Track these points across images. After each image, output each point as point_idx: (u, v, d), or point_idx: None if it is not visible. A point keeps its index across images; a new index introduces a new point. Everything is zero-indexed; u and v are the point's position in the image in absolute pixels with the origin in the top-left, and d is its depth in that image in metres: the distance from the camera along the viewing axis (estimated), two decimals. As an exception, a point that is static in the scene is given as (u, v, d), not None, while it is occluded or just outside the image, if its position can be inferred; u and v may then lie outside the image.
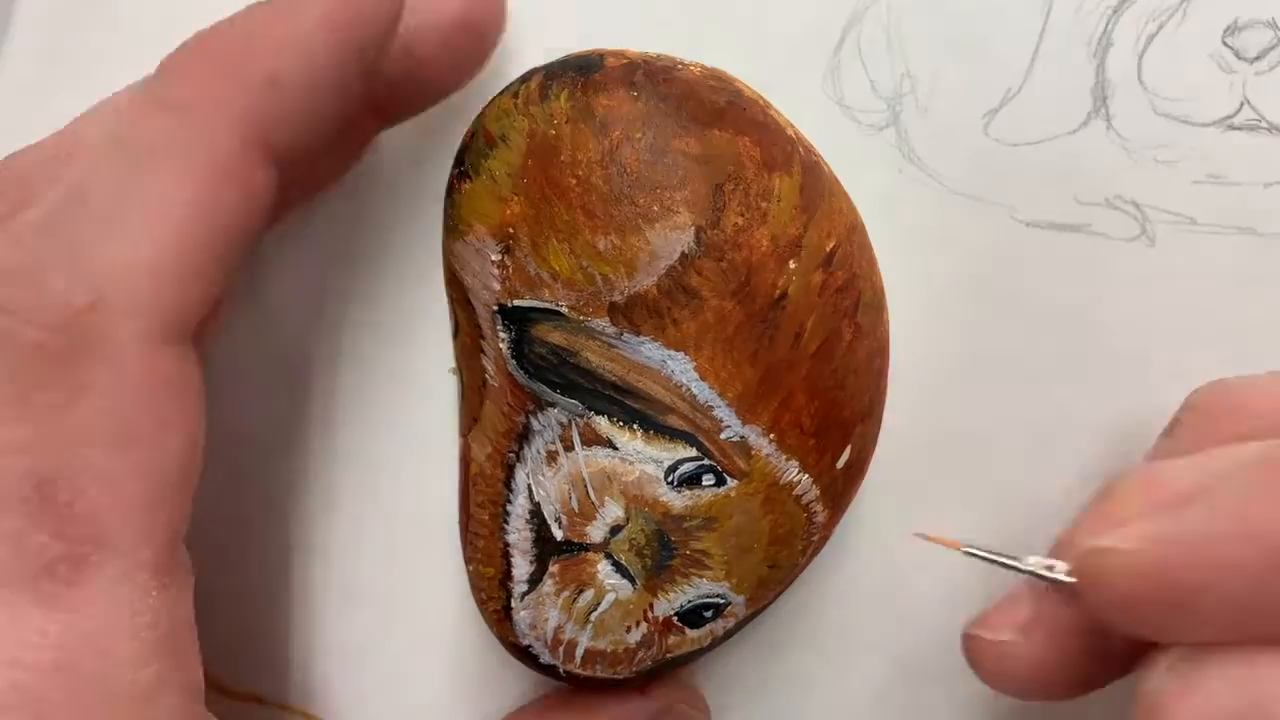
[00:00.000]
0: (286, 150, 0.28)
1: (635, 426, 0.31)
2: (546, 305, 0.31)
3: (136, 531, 0.26)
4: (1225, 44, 0.37)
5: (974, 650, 0.29)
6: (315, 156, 0.30)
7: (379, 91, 0.32)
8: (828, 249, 0.31)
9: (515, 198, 0.31)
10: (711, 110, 0.31)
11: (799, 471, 0.32)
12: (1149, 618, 0.23)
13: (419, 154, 0.38)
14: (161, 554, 0.26)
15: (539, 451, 0.32)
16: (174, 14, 0.40)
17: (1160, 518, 0.24)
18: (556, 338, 0.31)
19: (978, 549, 0.27)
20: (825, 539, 0.34)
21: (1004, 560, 0.27)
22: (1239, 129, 0.37)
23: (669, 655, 0.33)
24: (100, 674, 0.25)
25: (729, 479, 0.31)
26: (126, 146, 0.26)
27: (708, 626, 0.33)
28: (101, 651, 0.25)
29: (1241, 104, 0.37)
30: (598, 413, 0.31)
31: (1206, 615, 0.22)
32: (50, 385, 0.25)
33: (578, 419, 0.31)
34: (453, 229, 0.33)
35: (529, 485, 0.32)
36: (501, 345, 0.32)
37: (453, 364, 0.35)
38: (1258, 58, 0.37)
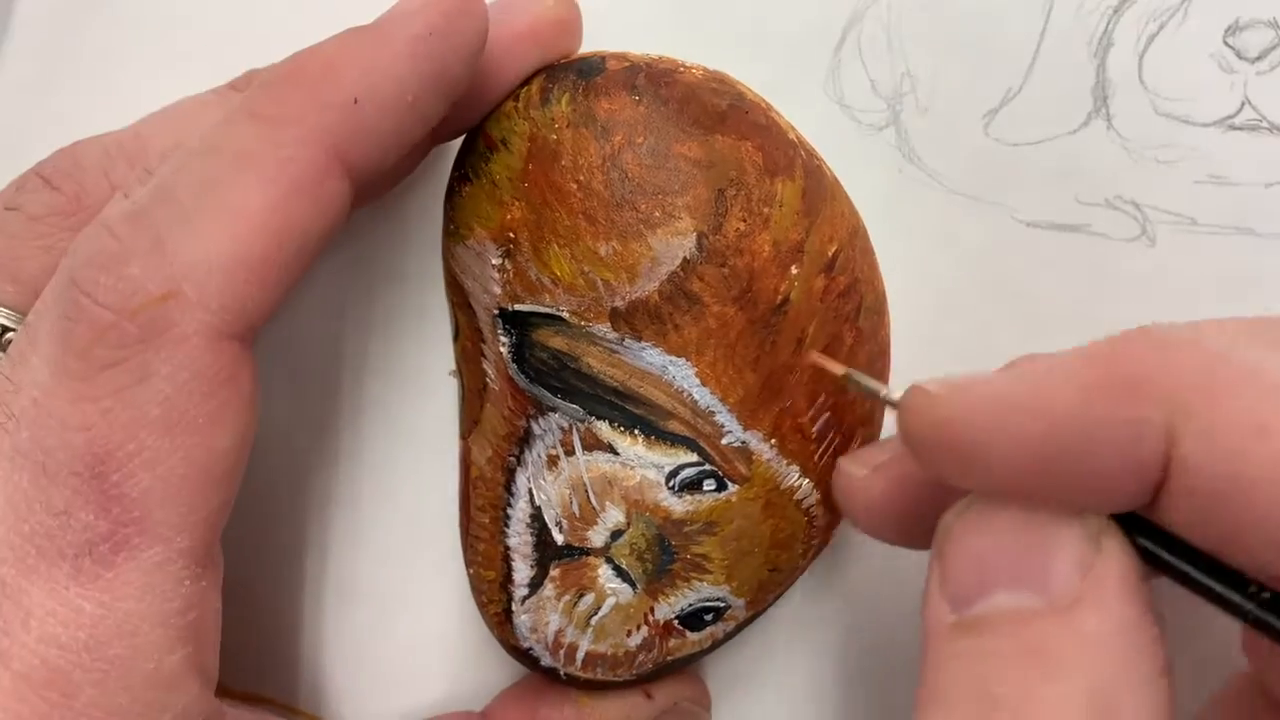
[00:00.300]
0: (364, 167, 0.29)
1: (636, 432, 0.31)
2: (547, 310, 0.31)
3: (178, 519, 0.27)
4: (1226, 44, 0.37)
5: (835, 479, 0.31)
6: (389, 173, 0.31)
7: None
8: (829, 254, 0.31)
9: (516, 202, 0.31)
10: (713, 114, 0.31)
11: (800, 476, 0.32)
12: (939, 459, 0.25)
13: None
14: (199, 545, 0.27)
15: (540, 456, 0.32)
16: (173, 14, 0.40)
17: (974, 376, 0.26)
18: (557, 342, 0.31)
19: (858, 376, 0.29)
20: (826, 542, 0.34)
21: (873, 385, 0.29)
22: (1240, 129, 0.37)
23: (669, 658, 0.34)
24: (128, 657, 0.26)
25: (730, 484, 0.31)
26: (215, 152, 0.27)
27: (708, 629, 0.33)
28: (131, 634, 0.26)
29: (1242, 104, 0.37)
30: (599, 418, 0.31)
31: (989, 469, 0.24)
32: (117, 367, 0.26)
33: (579, 424, 0.31)
34: (453, 232, 0.33)
35: (530, 489, 0.32)
36: (502, 349, 0.32)
37: (453, 366, 0.35)
38: (1259, 58, 0.37)
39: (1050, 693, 0.22)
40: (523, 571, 0.33)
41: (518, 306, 0.31)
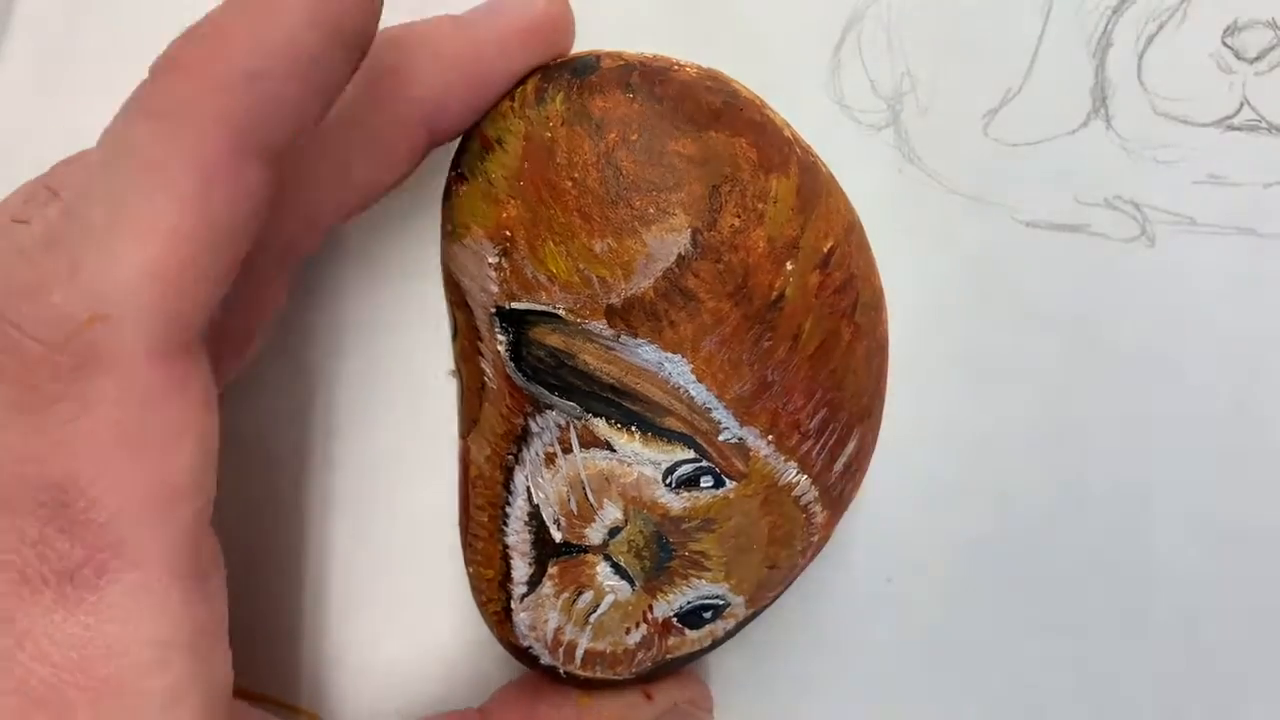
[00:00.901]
0: (277, 141, 0.27)
1: (633, 429, 0.31)
2: (544, 308, 0.31)
3: (151, 538, 0.26)
4: (1225, 44, 0.37)
5: None
6: (383, 176, 0.31)
7: (436, 107, 0.32)
8: (825, 249, 0.31)
9: (512, 201, 0.31)
10: (708, 111, 0.31)
11: (798, 472, 0.32)
12: None
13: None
14: (180, 559, 0.26)
15: (537, 454, 0.32)
16: (173, 14, 0.40)
17: None
18: (554, 340, 0.31)
19: None
20: (825, 539, 0.34)
21: None
22: (1239, 129, 0.37)
23: (669, 656, 0.34)
24: (118, 677, 0.26)
25: (727, 481, 0.31)
26: (115, 158, 0.26)
27: (707, 627, 0.33)
28: (120, 654, 0.26)
29: (1241, 104, 0.37)
30: (596, 415, 0.31)
31: None
32: (60, 398, 0.25)
33: (576, 421, 0.31)
34: (450, 232, 0.33)
35: (528, 487, 0.32)
36: (499, 348, 0.32)
37: (452, 366, 0.35)
38: (1257, 58, 0.37)
39: None
40: (521, 570, 0.33)
41: (514, 305, 0.31)
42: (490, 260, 0.31)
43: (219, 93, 0.26)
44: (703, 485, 0.31)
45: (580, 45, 0.34)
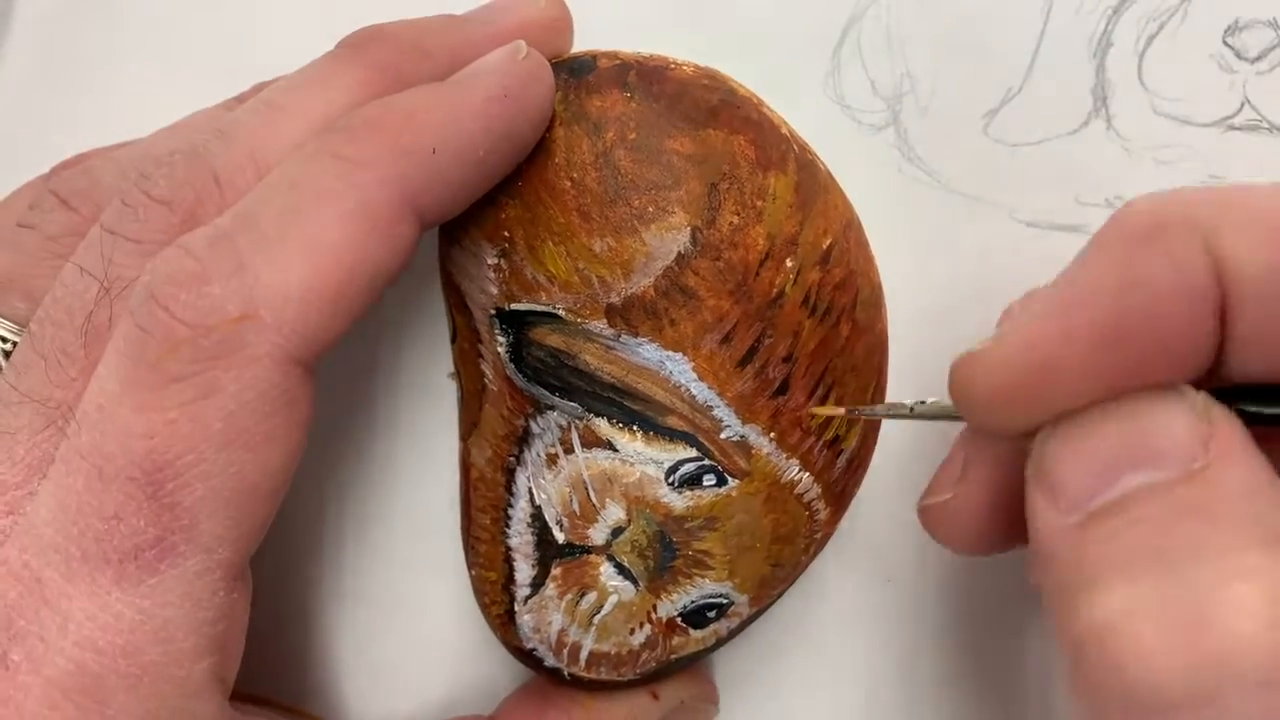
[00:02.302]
0: (432, 214, 0.29)
1: (635, 428, 0.31)
2: (544, 308, 0.31)
3: (223, 531, 0.27)
4: (1226, 44, 0.37)
5: (925, 519, 0.30)
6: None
7: None
8: (824, 246, 0.31)
9: (510, 201, 0.31)
10: (705, 109, 0.31)
11: (800, 470, 0.32)
12: (1016, 400, 0.25)
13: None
14: (237, 558, 0.28)
15: (539, 455, 0.32)
16: (173, 14, 0.40)
17: (1017, 312, 0.26)
18: (554, 340, 0.31)
19: (862, 409, 0.30)
20: (828, 536, 0.34)
21: (889, 412, 0.29)
22: (1239, 129, 0.37)
23: (673, 656, 0.33)
24: (162, 663, 0.27)
25: (730, 479, 0.31)
26: (296, 186, 0.28)
27: (711, 626, 0.33)
28: (167, 640, 0.27)
29: (1242, 104, 0.37)
30: (597, 415, 0.31)
31: (1059, 384, 0.24)
32: (187, 380, 0.26)
33: (577, 421, 0.31)
34: (448, 234, 0.33)
35: (530, 489, 0.32)
36: (500, 349, 0.32)
37: (452, 368, 0.35)
38: (1258, 58, 0.37)
39: (1219, 535, 0.22)
40: (524, 571, 0.33)
41: (514, 306, 0.31)
42: (489, 261, 0.31)
43: (402, 156, 0.28)
44: (705, 484, 0.31)
45: (579, 45, 0.34)
